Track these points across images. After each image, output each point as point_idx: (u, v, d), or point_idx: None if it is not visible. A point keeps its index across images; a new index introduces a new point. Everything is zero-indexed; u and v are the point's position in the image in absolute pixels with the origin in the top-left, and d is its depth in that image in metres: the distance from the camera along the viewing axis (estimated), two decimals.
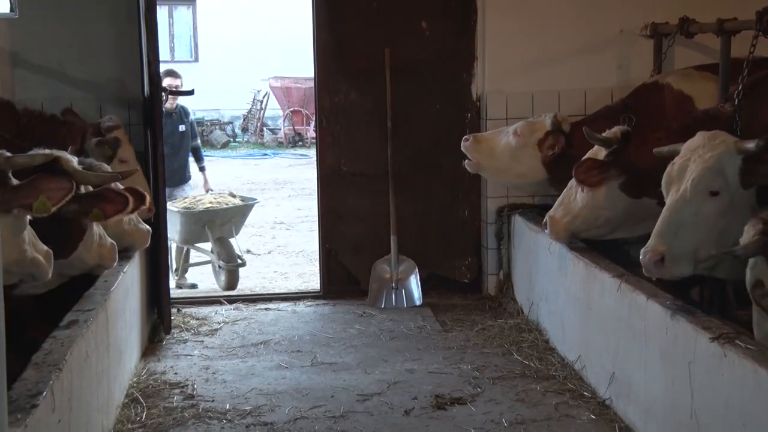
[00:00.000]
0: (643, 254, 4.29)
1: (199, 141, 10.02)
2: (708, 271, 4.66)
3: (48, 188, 3.85)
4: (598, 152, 5.36)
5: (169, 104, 9.11)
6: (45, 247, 4.12)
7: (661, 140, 4.78)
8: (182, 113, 9.50)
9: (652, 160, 4.73)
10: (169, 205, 7.85)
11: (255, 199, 9.57)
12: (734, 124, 4.97)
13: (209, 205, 8.84)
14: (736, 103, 5.03)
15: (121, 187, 4.82)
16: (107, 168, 5.08)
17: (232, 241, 8.86)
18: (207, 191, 9.82)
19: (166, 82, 8.70)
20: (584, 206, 5.42)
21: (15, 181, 3.88)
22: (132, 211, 4.86)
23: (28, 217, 3.90)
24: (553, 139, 6.06)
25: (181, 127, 9.25)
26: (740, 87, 5.05)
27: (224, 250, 8.57)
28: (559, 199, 5.64)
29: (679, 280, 4.61)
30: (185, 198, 9.23)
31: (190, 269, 9.22)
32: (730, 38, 5.61)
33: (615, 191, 5.27)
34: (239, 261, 8.60)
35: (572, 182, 5.52)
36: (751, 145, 4.24)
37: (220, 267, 8.52)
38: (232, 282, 8.41)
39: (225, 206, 8.93)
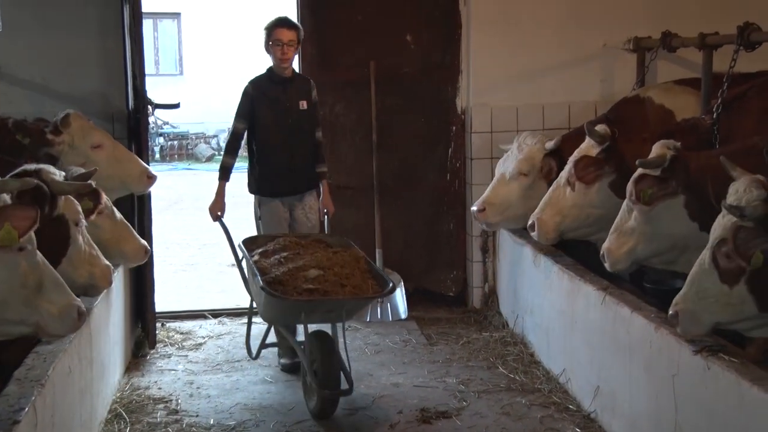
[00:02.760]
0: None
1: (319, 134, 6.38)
2: (666, 265, 4.80)
3: (13, 216, 3.60)
4: (589, 150, 5.35)
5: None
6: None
7: (646, 141, 4.79)
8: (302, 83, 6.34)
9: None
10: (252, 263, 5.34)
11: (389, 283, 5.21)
12: (713, 136, 5.02)
13: (311, 286, 5.02)
14: (715, 116, 5.08)
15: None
16: (81, 170, 4.98)
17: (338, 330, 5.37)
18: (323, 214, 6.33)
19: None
20: (574, 205, 5.40)
21: None
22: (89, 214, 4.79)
23: None
24: (545, 163, 6.05)
25: (302, 104, 6.11)
26: (719, 101, 5.10)
27: (322, 361, 5.15)
28: (544, 200, 5.60)
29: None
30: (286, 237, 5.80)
31: None
32: (711, 52, 5.65)
33: (605, 190, 5.26)
34: (344, 388, 5.11)
35: (558, 183, 5.53)
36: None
37: (311, 385, 5.16)
38: (325, 409, 5.13)
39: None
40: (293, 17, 7.13)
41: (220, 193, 6.15)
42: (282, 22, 5.98)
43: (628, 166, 4.88)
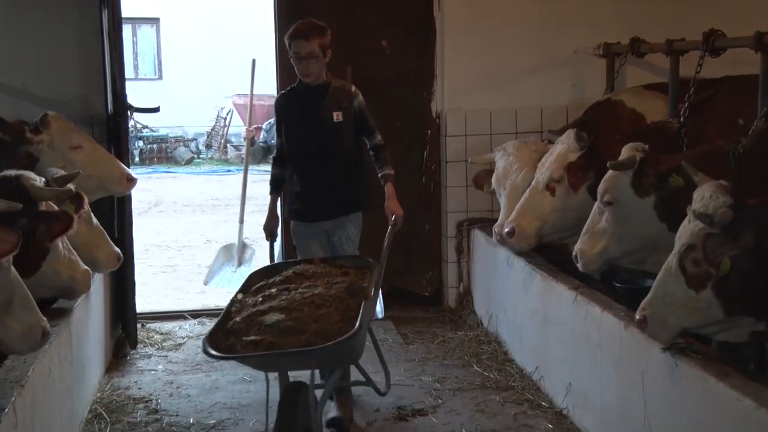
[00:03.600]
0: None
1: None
2: (636, 265, 4.83)
3: None
4: (568, 155, 5.34)
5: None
6: None
7: (618, 143, 4.81)
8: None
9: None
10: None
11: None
12: (681, 139, 5.06)
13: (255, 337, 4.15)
14: (682, 119, 5.13)
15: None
16: (61, 172, 4.95)
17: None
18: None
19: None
20: (554, 209, 5.39)
21: None
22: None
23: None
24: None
25: (336, 116, 5.26)
26: (686, 105, 5.14)
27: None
28: (519, 207, 5.55)
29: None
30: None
31: None
32: (678, 58, 5.69)
33: (584, 193, 5.27)
34: None
35: (534, 188, 5.49)
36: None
37: None
38: None
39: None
40: (270, 25, 7.14)
41: (271, 210, 5.45)
42: (298, 33, 5.09)
43: (603, 169, 4.91)
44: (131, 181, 5.90)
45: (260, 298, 4.39)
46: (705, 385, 3.69)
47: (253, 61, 6.13)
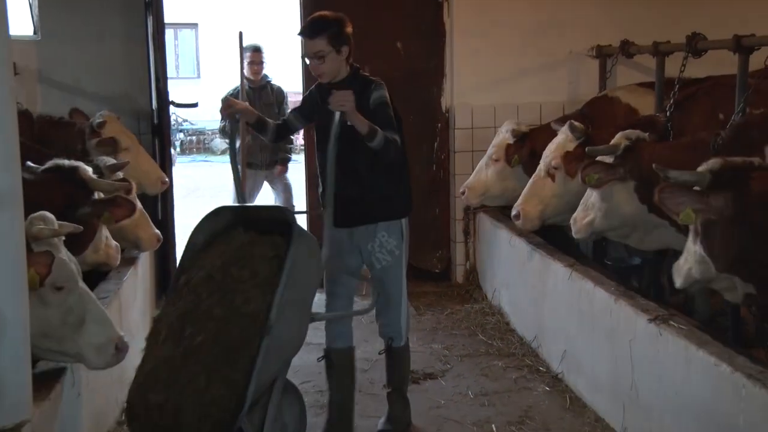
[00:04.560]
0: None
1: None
2: (621, 239, 4.85)
3: (34, 262, 3.22)
4: (566, 145, 5.32)
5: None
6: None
7: (614, 135, 4.80)
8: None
9: None
10: None
11: None
12: (666, 131, 5.04)
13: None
14: (668, 114, 5.10)
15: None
16: (112, 160, 5.02)
17: None
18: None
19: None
20: (555, 195, 5.35)
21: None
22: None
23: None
24: (515, 149, 6.05)
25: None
26: (672, 101, 5.12)
27: None
28: (526, 191, 5.53)
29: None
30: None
31: None
32: (664, 59, 5.66)
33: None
34: None
35: (537, 175, 5.47)
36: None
37: None
38: None
39: None
40: (297, 28, 7.10)
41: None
42: (302, 32, 4.22)
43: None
44: (165, 183, 5.93)
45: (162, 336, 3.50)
46: (686, 353, 3.69)
47: (240, 34, 6.27)
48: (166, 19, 6.42)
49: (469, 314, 6.37)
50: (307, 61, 4.29)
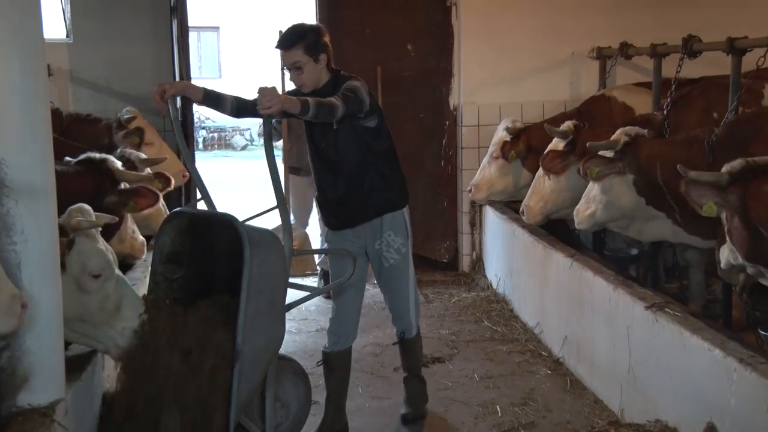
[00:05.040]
0: None
1: None
2: (621, 230, 4.83)
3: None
4: (558, 144, 5.33)
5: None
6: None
7: (609, 132, 4.80)
8: None
9: None
10: None
11: None
12: (664, 129, 5.03)
13: None
14: (665, 112, 5.09)
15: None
16: (139, 153, 5.06)
17: None
18: None
19: None
20: (552, 191, 5.37)
21: None
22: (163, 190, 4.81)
23: None
24: (511, 146, 6.07)
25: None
26: (668, 100, 5.10)
27: None
28: (531, 189, 5.57)
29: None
30: None
31: None
32: (661, 60, 5.64)
33: (575, 176, 5.18)
34: None
35: (539, 174, 5.48)
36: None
37: None
38: None
39: None
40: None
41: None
42: (279, 43, 3.99)
43: (582, 155, 4.88)
44: (185, 176, 5.93)
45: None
46: (681, 338, 3.69)
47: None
48: (190, 23, 6.45)
49: (475, 302, 6.37)
50: (287, 73, 4.07)
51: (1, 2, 2.78)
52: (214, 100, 3.96)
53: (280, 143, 6.37)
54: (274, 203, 3.85)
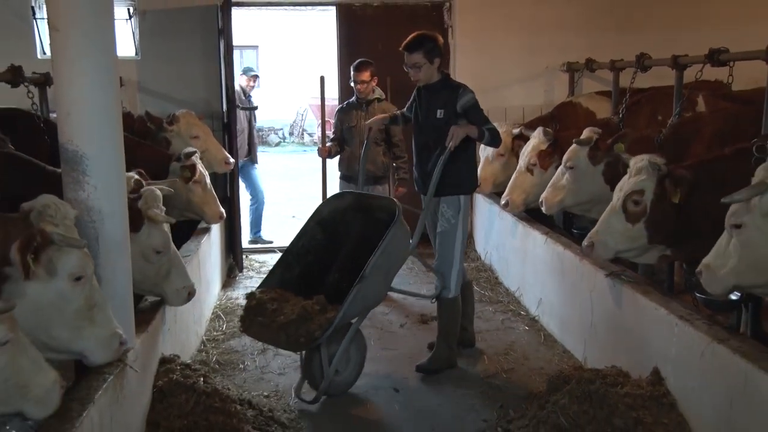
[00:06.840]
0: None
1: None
2: (584, 212, 4.77)
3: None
4: (540, 145, 5.24)
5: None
6: None
7: (577, 133, 4.75)
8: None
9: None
10: None
11: None
12: (619, 129, 5.02)
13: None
14: (620, 116, 5.08)
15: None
16: (192, 149, 5.03)
17: None
18: None
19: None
20: (534, 185, 5.25)
21: None
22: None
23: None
24: (516, 144, 5.80)
25: (439, 113, 4.34)
26: (623, 106, 5.09)
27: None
28: (511, 184, 5.40)
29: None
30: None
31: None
32: (618, 73, 5.62)
33: (553, 170, 5.08)
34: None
35: (519, 170, 5.38)
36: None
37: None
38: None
39: None
40: (334, 50, 7.12)
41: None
42: (403, 47, 4.31)
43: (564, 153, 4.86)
44: (228, 164, 5.82)
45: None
46: (634, 300, 3.72)
47: (322, 78, 6.05)
48: (234, 42, 6.43)
49: (466, 270, 6.35)
50: (406, 69, 4.33)
51: (86, 30, 2.86)
52: (393, 119, 4.67)
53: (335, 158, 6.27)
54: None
